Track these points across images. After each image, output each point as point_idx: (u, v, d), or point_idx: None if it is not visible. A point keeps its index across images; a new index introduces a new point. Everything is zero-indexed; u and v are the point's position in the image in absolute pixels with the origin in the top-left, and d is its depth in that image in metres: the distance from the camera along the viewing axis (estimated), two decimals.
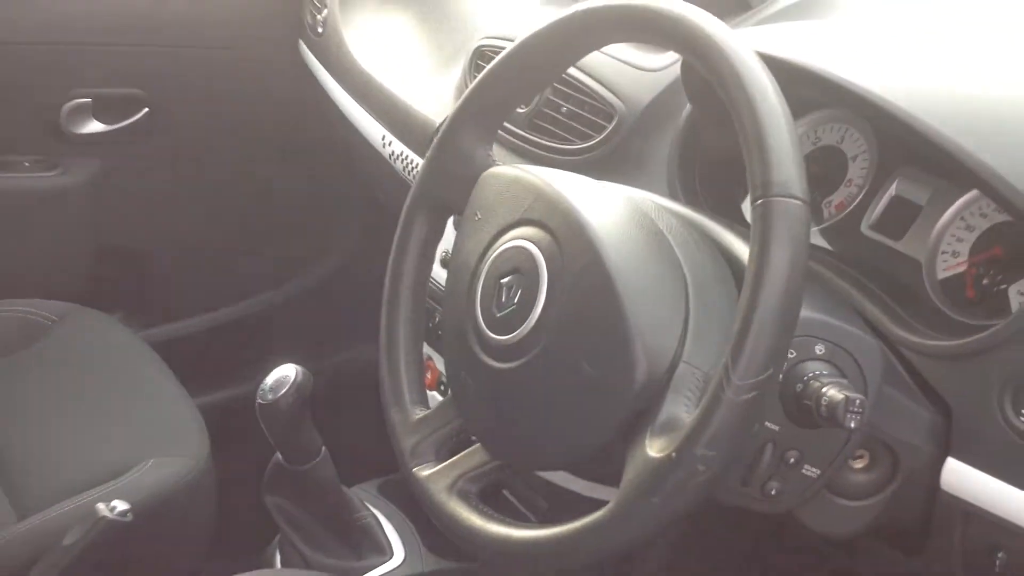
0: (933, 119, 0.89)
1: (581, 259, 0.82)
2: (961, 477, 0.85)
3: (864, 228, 1.01)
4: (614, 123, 1.14)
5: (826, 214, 1.04)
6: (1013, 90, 0.95)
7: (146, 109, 1.78)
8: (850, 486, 0.87)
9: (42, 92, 1.72)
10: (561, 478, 1.26)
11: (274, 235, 1.92)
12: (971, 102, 0.94)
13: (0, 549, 1.21)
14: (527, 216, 0.86)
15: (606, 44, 0.93)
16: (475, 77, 1.07)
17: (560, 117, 1.20)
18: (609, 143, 1.14)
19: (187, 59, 1.80)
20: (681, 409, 0.76)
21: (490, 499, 1.12)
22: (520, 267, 0.85)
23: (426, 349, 1.26)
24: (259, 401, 1.18)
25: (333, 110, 1.63)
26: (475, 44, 1.35)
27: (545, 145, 1.20)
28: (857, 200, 1.02)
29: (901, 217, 0.99)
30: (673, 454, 0.73)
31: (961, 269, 0.94)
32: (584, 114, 1.18)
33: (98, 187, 1.78)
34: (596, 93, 1.17)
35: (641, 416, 0.78)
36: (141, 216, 1.83)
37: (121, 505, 1.17)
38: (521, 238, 0.86)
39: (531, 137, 1.21)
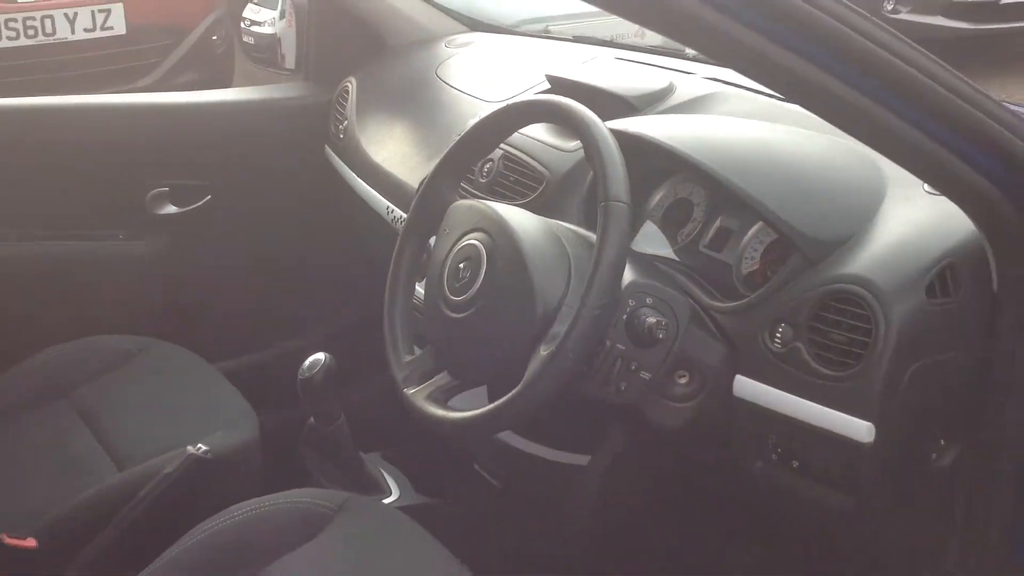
0: (737, 179, 1.41)
1: (507, 250, 1.34)
2: (744, 386, 1.35)
3: (701, 247, 1.52)
4: (543, 186, 1.68)
5: (679, 239, 1.55)
6: (787, 160, 1.47)
7: (209, 196, 2.27)
8: (676, 394, 1.37)
9: (133, 182, 2.21)
10: (521, 443, 1.76)
11: (306, 292, 2.35)
12: (761, 168, 1.45)
13: (110, 489, 1.66)
14: (476, 226, 1.39)
15: (524, 127, 1.49)
16: None
17: (507, 183, 1.73)
18: (540, 199, 1.66)
19: (240, 160, 2.30)
20: (561, 329, 1.27)
21: (461, 468, 1.61)
22: (471, 256, 1.37)
23: None
24: (299, 377, 1.69)
25: (350, 194, 2.13)
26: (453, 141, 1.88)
27: (498, 203, 1.72)
28: (698, 230, 1.53)
29: (722, 239, 1.50)
30: (554, 349, 1.25)
31: (756, 267, 1.45)
32: (523, 180, 1.71)
33: (172, 253, 2.25)
34: (531, 166, 1.71)
35: (538, 336, 1.29)
36: (203, 276, 2.29)
37: (204, 447, 1.66)
38: (472, 239, 1.39)
39: (489, 198, 1.74)
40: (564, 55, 2.15)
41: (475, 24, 2.46)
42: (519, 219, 1.38)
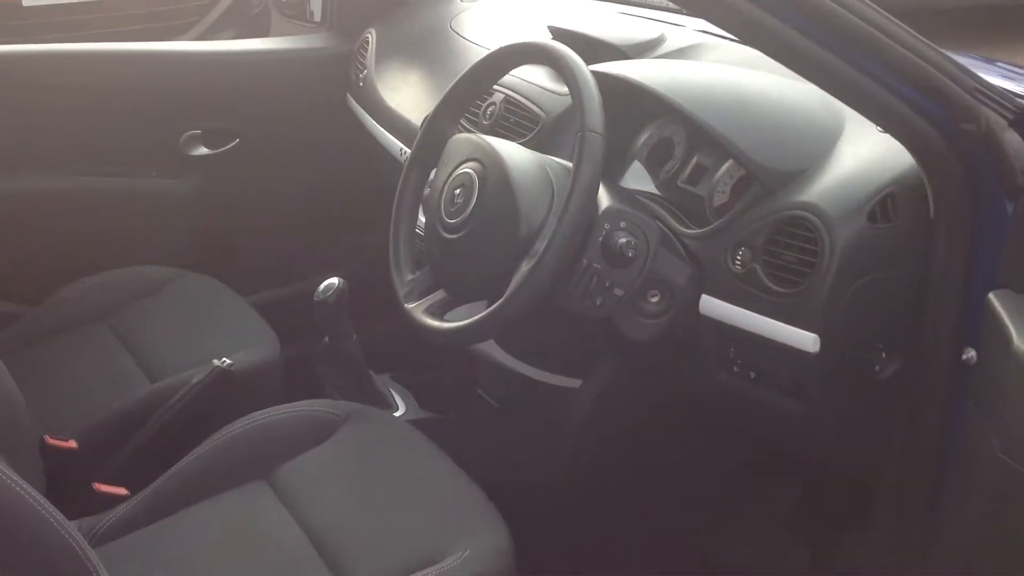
0: (707, 116, 1.55)
1: (497, 177, 1.49)
2: (709, 304, 1.50)
3: (679, 182, 1.65)
4: (539, 126, 1.82)
5: (661, 176, 1.69)
6: (754, 102, 1.61)
7: (237, 139, 2.42)
8: (648, 311, 1.52)
9: (168, 126, 2.37)
10: (519, 366, 1.91)
11: (327, 230, 2.51)
12: (730, 107, 1.59)
13: (145, 397, 1.83)
14: (470, 156, 1.55)
15: (516, 67, 1.64)
16: None
17: (508, 124, 1.88)
18: (536, 138, 1.81)
19: (267, 106, 2.45)
20: (541, 246, 1.42)
21: (463, 392, 1.77)
22: (465, 183, 1.53)
23: None
24: (315, 299, 1.85)
25: (368, 137, 2.28)
26: None
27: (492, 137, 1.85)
28: (677, 167, 1.66)
29: (698, 174, 1.63)
30: (534, 262, 1.40)
31: (725, 200, 1.58)
32: (522, 121, 1.85)
33: (203, 192, 2.40)
34: (529, 108, 1.85)
35: (522, 254, 1.44)
36: (231, 213, 2.44)
37: (228, 360, 1.83)
38: (466, 168, 1.54)
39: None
40: (569, 9, 2.28)
41: None
42: (509, 151, 1.53)
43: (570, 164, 1.56)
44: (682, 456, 1.86)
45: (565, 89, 1.82)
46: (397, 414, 1.93)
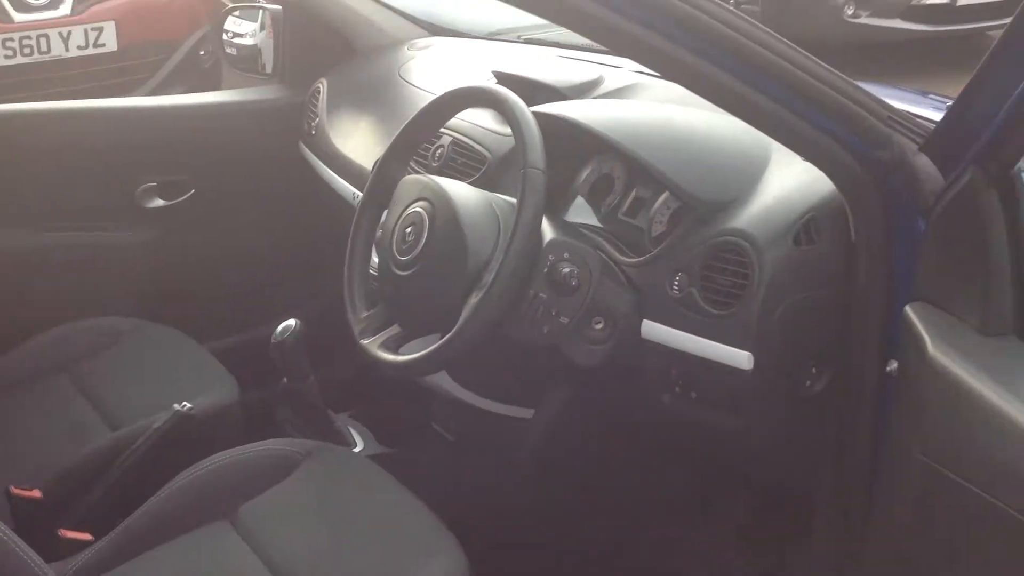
0: (648, 156, 1.63)
1: (446, 216, 1.56)
2: (651, 328, 1.57)
3: (619, 215, 1.73)
4: (485, 166, 1.89)
5: (602, 209, 1.76)
6: (687, 137, 1.70)
7: (192, 190, 2.46)
8: (593, 337, 1.59)
9: (124, 179, 2.41)
10: (472, 398, 1.97)
11: (283, 276, 2.56)
12: (664, 142, 1.67)
13: (106, 445, 1.86)
14: (420, 196, 1.61)
15: (461, 111, 1.72)
16: None
17: (456, 165, 1.95)
18: (483, 177, 1.88)
19: (222, 157, 2.50)
20: (488, 278, 1.49)
21: (418, 427, 1.82)
22: (415, 222, 1.59)
23: None
24: (272, 341, 1.91)
25: (322, 184, 2.33)
26: None
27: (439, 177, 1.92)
28: (617, 200, 1.74)
29: (637, 207, 1.71)
30: (482, 293, 1.46)
31: (663, 230, 1.65)
32: (469, 162, 1.93)
33: (160, 243, 2.44)
34: (475, 149, 1.93)
35: (471, 287, 1.51)
36: (189, 264, 2.48)
37: (188, 404, 1.87)
38: (416, 207, 1.61)
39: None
40: (513, 55, 2.37)
41: (435, 29, 2.68)
42: (456, 190, 1.60)
43: (515, 201, 1.63)
44: (636, 479, 1.92)
45: (509, 130, 1.91)
46: (356, 450, 1.98)
